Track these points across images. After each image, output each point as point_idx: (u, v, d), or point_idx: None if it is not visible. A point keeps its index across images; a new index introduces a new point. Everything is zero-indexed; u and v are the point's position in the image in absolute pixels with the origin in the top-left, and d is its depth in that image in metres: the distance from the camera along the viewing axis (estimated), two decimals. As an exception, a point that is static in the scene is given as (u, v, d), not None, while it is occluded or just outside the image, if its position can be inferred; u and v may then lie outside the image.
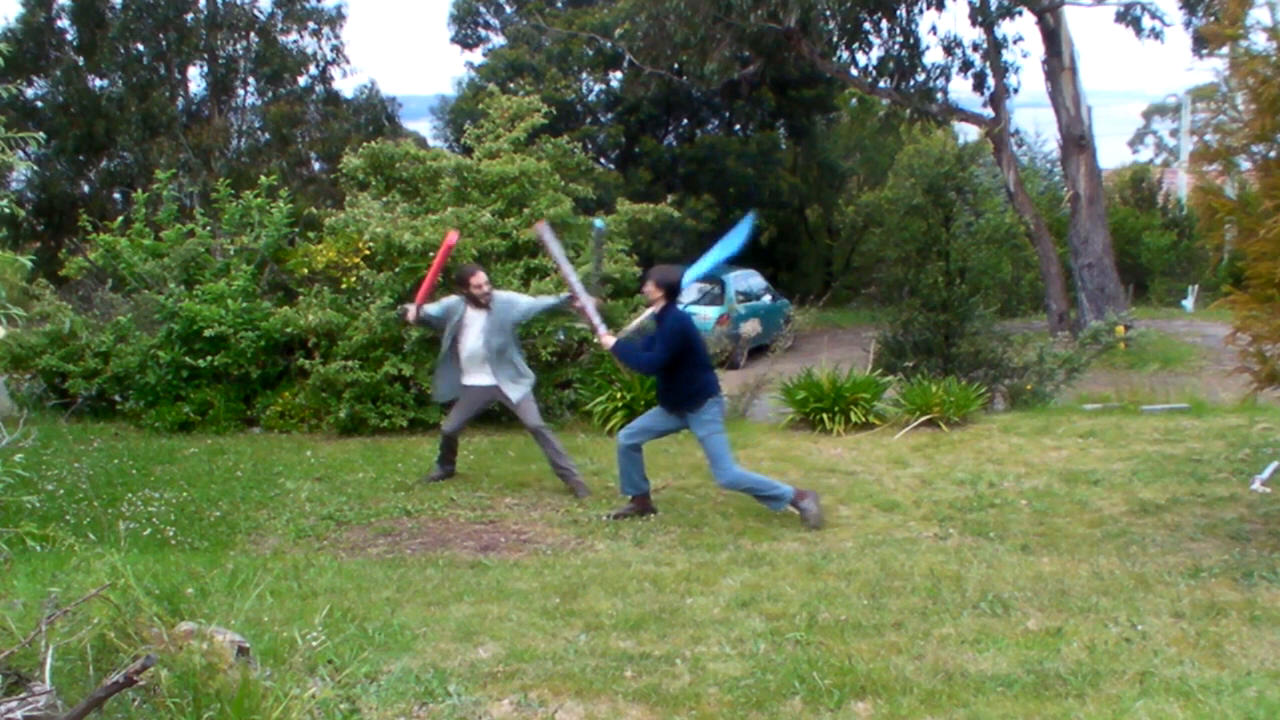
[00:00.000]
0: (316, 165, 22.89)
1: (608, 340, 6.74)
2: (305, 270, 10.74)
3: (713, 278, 18.06)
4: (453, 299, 7.69)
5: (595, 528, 6.54)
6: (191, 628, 3.37)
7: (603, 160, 23.73)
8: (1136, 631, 4.28)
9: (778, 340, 12.15)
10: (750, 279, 19.00)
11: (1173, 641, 4.17)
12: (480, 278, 7.52)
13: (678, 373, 6.55)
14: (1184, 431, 8.67)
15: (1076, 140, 17.66)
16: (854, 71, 20.50)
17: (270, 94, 23.09)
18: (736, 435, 9.22)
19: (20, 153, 15.40)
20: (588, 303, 7.01)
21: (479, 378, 7.55)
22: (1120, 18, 18.11)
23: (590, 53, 22.70)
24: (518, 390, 7.52)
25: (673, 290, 6.62)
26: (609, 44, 21.29)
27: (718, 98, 23.55)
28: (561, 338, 10.19)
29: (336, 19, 23.25)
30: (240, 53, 22.91)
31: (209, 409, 10.19)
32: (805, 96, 24.12)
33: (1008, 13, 18.44)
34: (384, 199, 10.89)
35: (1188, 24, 17.28)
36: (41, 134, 5.04)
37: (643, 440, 6.81)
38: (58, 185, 21.36)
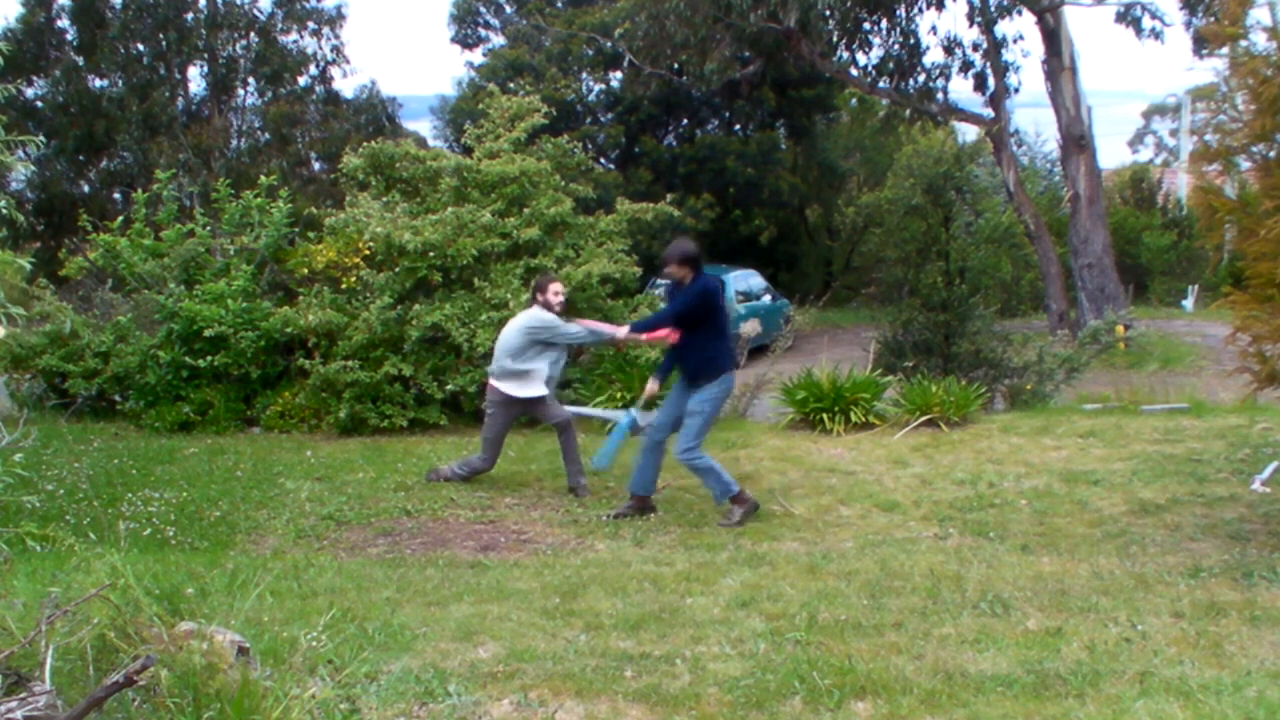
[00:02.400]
0: (316, 165, 22.91)
1: (623, 330, 6.87)
2: (305, 270, 10.74)
3: (712, 277, 18.08)
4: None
5: (595, 528, 6.55)
6: (191, 628, 3.37)
7: (603, 160, 23.74)
8: (1136, 631, 4.28)
9: (778, 340, 12.15)
10: (750, 279, 19.01)
11: (1173, 641, 4.16)
12: (559, 285, 7.55)
13: (696, 339, 6.56)
14: (1184, 431, 8.67)
15: (1076, 140, 17.67)
16: (854, 71, 20.51)
17: (270, 94, 23.10)
18: (737, 435, 9.24)
19: (21, 152, 15.40)
20: (594, 324, 7.19)
21: (533, 390, 7.50)
22: (1120, 18, 18.12)
23: (590, 53, 22.71)
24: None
25: (697, 262, 6.65)
26: (609, 44, 21.29)
27: (718, 98, 23.55)
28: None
29: (336, 19, 23.27)
30: (240, 53, 22.92)
31: (209, 409, 10.19)
32: (805, 96, 24.13)
33: (1007, 12, 18.47)
34: (384, 199, 10.89)
35: (1188, 24, 17.29)
36: (41, 137, 5.06)
37: (668, 435, 6.76)
38: (58, 185, 21.37)
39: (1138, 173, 31.02)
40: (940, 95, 19.91)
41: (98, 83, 22.06)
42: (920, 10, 19.48)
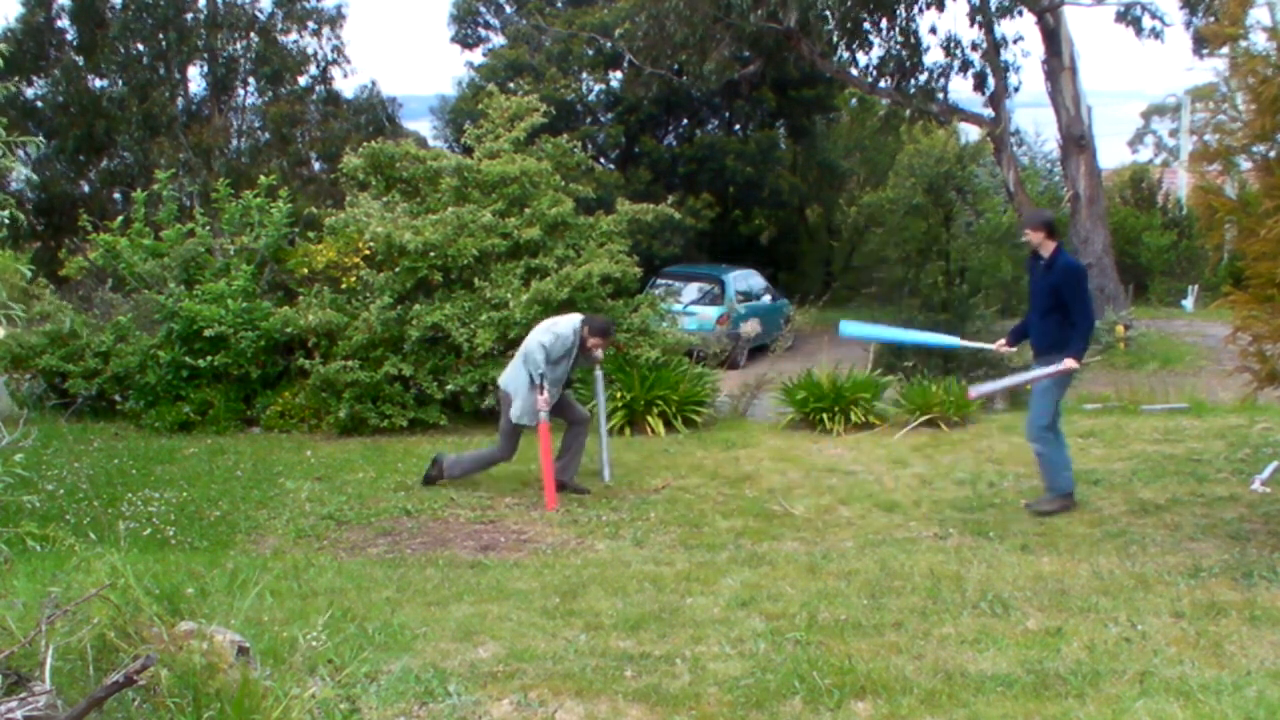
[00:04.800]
0: (316, 165, 22.86)
1: (1072, 362, 6.42)
2: (305, 270, 10.74)
3: (713, 277, 18.09)
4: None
5: (595, 528, 6.55)
6: (191, 628, 3.37)
7: (603, 160, 23.72)
8: (1136, 631, 4.28)
9: (778, 340, 12.14)
10: (750, 279, 19.00)
11: (1173, 641, 4.16)
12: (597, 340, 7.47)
13: (1055, 315, 6.47)
14: (1184, 431, 8.67)
15: (1076, 140, 17.67)
16: (854, 71, 20.50)
17: (270, 94, 23.06)
18: (737, 435, 9.24)
19: (21, 152, 15.40)
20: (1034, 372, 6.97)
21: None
22: (1120, 18, 18.11)
23: (590, 53, 22.69)
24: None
25: (1055, 229, 6.57)
26: (609, 44, 21.28)
27: (718, 98, 23.54)
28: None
29: (336, 19, 23.23)
30: (240, 52, 22.89)
31: (209, 409, 10.18)
32: (805, 96, 24.11)
33: (1007, 12, 18.46)
34: (384, 199, 10.89)
35: (1188, 24, 17.29)
36: (40, 138, 5.05)
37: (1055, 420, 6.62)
38: (58, 185, 21.34)
39: (1138, 173, 30.98)
40: (940, 95, 19.88)
41: (98, 83, 22.03)
42: (920, 10, 19.46)
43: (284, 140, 22.20)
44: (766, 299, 18.63)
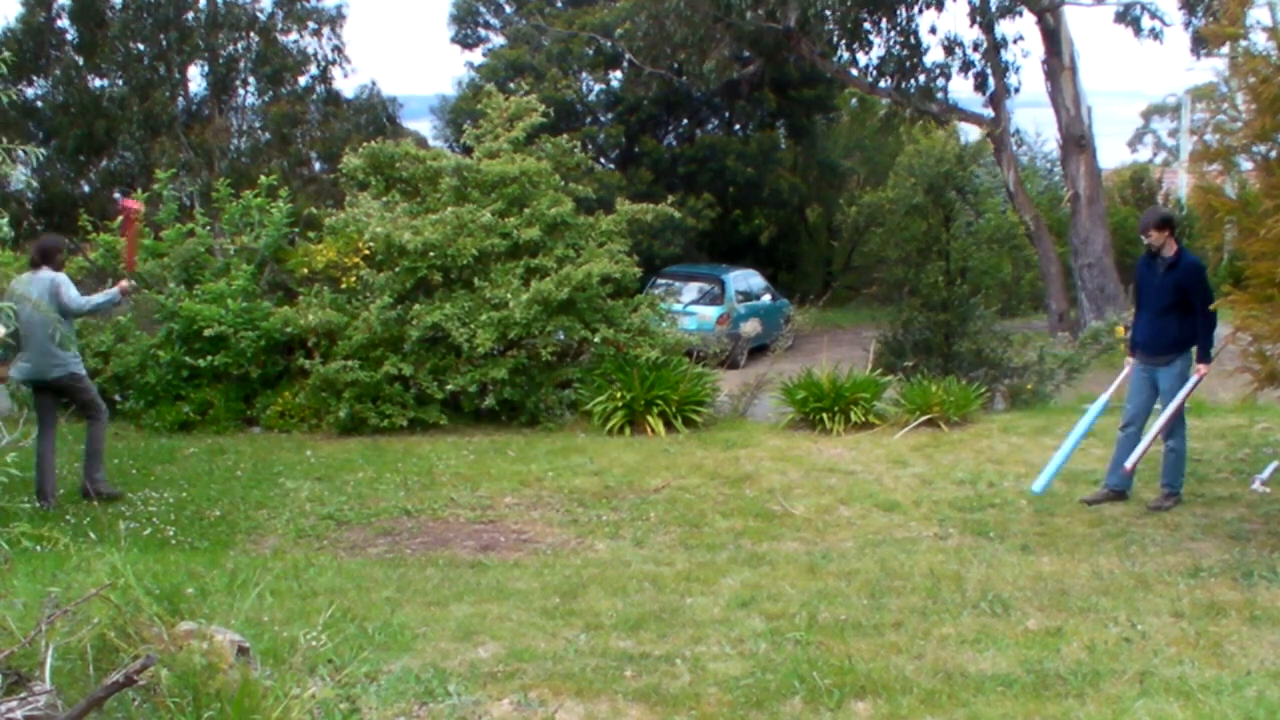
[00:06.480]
0: (317, 165, 22.86)
1: (1204, 368, 6.44)
2: (305, 270, 10.73)
3: (713, 277, 18.10)
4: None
5: (595, 528, 6.54)
6: (191, 627, 3.37)
7: (603, 160, 23.72)
8: (1136, 631, 4.28)
9: (778, 340, 12.14)
10: (750, 279, 19.02)
11: (1173, 641, 4.17)
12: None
13: (1176, 314, 6.45)
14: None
15: (1076, 140, 17.68)
16: (854, 71, 20.51)
17: (271, 94, 23.05)
18: (737, 434, 9.24)
19: (20, 152, 15.37)
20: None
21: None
22: (1120, 18, 18.13)
23: (590, 53, 22.71)
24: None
25: (1175, 226, 6.60)
26: (609, 44, 21.31)
27: (718, 98, 23.55)
28: (561, 337, 10.19)
29: (337, 19, 23.22)
30: (241, 52, 22.87)
31: (209, 409, 10.18)
32: (805, 96, 24.12)
33: (1008, 12, 18.47)
34: (384, 199, 10.88)
35: (1188, 24, 17.31)
36: (41, 145, 5.03)
37: (1143, 423, 6.68)
38: (58, 185, 21.33)
39: (1138, 172, 31.00)
40: (941, 95, 19.89)
41: (98, 83, 22.01)
42: (920, 10, 19.47)
43: (284, 140, 22.19)
44: (766, 299, 18.63)
